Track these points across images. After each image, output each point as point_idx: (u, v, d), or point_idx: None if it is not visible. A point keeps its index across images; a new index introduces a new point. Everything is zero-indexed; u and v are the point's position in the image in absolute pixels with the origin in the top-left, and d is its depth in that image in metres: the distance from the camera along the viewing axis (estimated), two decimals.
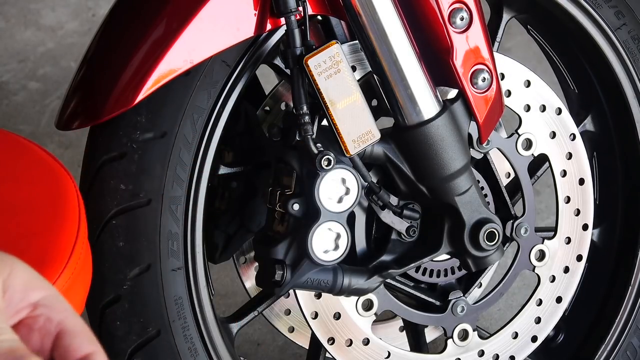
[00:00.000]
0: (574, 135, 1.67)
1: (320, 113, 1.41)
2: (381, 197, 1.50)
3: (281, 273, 1.43)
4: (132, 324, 1.48)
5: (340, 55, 1.37)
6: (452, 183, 1.48)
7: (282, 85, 1.66)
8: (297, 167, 1.43)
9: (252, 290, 1.81)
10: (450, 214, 1.51)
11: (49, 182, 1.30)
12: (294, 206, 1.42)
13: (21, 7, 3.13)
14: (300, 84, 1.37)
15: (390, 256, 1.55)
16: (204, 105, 1.46)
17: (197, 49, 1.37)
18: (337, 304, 1.57)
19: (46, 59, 3.01)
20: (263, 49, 1.48)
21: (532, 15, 1.72)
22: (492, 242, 1.52)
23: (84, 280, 1.23)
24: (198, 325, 1.52)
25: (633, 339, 1.77)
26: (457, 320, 1.65)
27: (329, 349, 1.59)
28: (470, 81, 1.47)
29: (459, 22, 1.45)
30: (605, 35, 1.68)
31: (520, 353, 1.70)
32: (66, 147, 2.70)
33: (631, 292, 1.76)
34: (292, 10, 1.36)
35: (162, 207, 1.46)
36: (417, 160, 1.46)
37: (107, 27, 1.47)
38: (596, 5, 1.66)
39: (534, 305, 1.70)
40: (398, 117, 1.45)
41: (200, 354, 1.52)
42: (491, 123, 1.52)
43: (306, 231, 1.41)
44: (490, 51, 1.48)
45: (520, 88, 1.63)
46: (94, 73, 1.45)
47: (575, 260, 1.71)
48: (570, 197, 1.69)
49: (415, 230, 1.55)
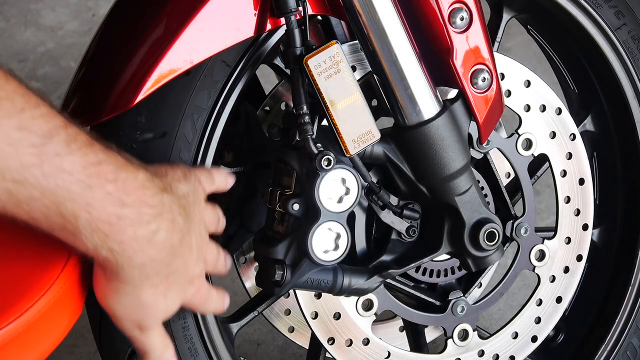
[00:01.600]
0: (574, 135, 1.67)
1: (320, 113, 1.41)
2: (381, 197, 1.50)
3: (281, 273, 1.43)
4: None
5: (340, 55, 1.37)
6: (452, 183, 1.47)
7: (282, 85, 1.66)
8: (297, 167, 1.43)
9: (252, 290, 1.81)
10: (450, 214, 1.51)
11: None
12: (294, 206, 1.42)
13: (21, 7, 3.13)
14: (300, 84, 1.37)
15: (390, 256, 1.55)
16: (204, 105, 1.46)
17: (197, 49, 1.37)
18: (337, 304, 1.57)
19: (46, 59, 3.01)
20: (263, 49, 1.48)
21: (532, 15, 1.72)
22: (492, 242, 1.52)
23: (82, 282, 1.23)
24: (198, 325, 1.52)
25: (633, 339, 1.77)
26: (457, 320, 1.65)
27: (329, 349, 1.59)
28: (470, 81, 1.47)
29: (459, 22, 1.45)
30: (605, 35, 1.68)
31: (520, 353, 1.70)
32: None
33: (631, 292, 1.76)
34: (292, 10, 1.36)
35: None
36: (417, 160, 1.46)
37: (107, 27, 1.46)
38: (596, 5, 1.66)
39: (534, 305, 1.70)
40: (398, 117, 1.45)
41: (200, 354, 1.52)
42: (491, 123, 1.52)
43: (306, 231, 1.41)
44: (490, 51, 1.48)
45: (520, 88, 1.63)
46: (94, 73, 1.45)
47: (575, 260, 1.71)
48: (570, 197, 1.69)
49: (415, 230, 1.55)
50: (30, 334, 1.14)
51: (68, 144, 1.07)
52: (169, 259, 1.17)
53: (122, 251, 1.12)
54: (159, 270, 1.16)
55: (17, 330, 1.12)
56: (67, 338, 1.23)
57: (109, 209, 1.09)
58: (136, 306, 1.19)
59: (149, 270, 1.15)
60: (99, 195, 1.08)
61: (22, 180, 1.03)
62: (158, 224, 1.14)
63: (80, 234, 1.09)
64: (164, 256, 1.16)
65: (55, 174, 1.05)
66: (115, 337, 1.49)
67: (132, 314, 1.20)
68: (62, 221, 1.08)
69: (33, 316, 1.14)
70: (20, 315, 1.13)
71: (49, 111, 1.07)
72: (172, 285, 1.20)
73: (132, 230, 1.11)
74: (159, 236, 1.14)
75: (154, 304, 1.19)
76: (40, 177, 1.04)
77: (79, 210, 1.07)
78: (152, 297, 1.18)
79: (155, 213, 1.13)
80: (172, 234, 1.16)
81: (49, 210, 1.06)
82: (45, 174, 1.04)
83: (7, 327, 1.12)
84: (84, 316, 1.34)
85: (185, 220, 1.19)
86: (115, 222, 1.10)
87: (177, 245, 1.17)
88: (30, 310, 1.14)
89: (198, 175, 1.28)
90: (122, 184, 1.10)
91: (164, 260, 1.16)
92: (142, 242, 1.12)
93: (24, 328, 1.13)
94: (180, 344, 1.50)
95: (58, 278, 1.18)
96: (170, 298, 1.21)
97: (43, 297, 1.15)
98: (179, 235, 1.17)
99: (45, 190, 1.05)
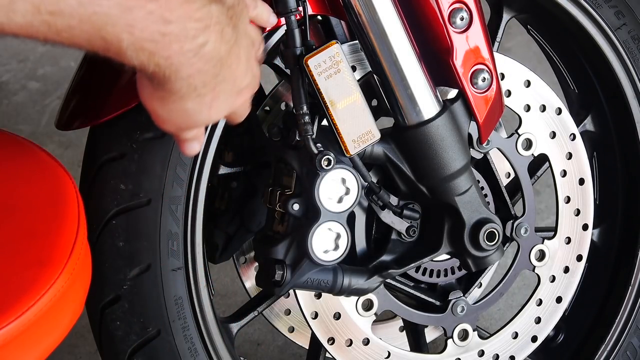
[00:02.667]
0: (574, 135, 1.67)
1: (320, 113, 1.41)
2: (381, 197, 1.50)
3: (281, 273, 1.43)
4: (132, 324, 1.48)
5: (340, 55, 1.37)
6: (452, 183, 1.48)
7: (282, 85, 1.66)
8: (297, 167, 1.43)
9: (252, 290, 1.81)
10: (450, 214, 1.51)
11: (49, 182, 1.30)
12: (294, 206, 1.42)
13: None
14: (300, 84, 1.37)
15: (390, 256, 1.55)
16: None
17: None
18: (337, 304, 1.57)
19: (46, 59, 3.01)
20: (263, 49, 1.48)
21: (532, 15, 1.72)
22: (492, 242, 1.52)
23: (84, 280, 1.23)
24: (198, 325, 1.52)
25: (633, 339, 1.77)
26: (457, 320, 1.65)
27: (329, 349, 1.59)
28: (470, 81, 1.47)
29: (459, 22, 1.45)
30: (605, 35, 1.68)
31: (520, 353, 1.70)
32: (66, 147, 2.70)
33: (631, 292, 1.76)
34: (292, 10, 1.36)
35: (162, 207, 1.46)
36: (417, 160, 1.46)
37: None
38: (596, 5, 1.66)
39: (534, 305, 1.70)
40: (398, 117, 1.45)
41: (200, 354, 1.52)
42: (491, 123, 1.52)
43: (306, 231, 1.41)
44: (490, 51, 1.48)
45: (520, 88, 1.63)
46: (94, 73, 1.45)
47: (575, 260, 1.71)
48: (570, 197, 1.69)
49: (415, 230, 1.55)
50: (32, 332, 1.14)
51: None
52: (217, 70, 1.16)
53: (169, 65, 1.11)
54: (207, 81, 1.16)
55: (19, 329, 1.12)
56: (67, 338, 1.23)
57: (152, 27, 1.08)
58: (181, 113, 1.19)
59: (196, 82, 1.15)
60: (140, 15, 1.07)
61: (58, 11, 1.02)
62: (206, 37, 1.12)
63: (125, 54, 1.08)
64: (212, 67, 1.15)
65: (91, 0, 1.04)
66: (115, 337, 1.49)
67: (175, 119, 1.20)
68: (106, 44, 1.07)
69: (35, 315, 1.14)
70: (22, 314, 1.13)
71: None
72: (219, 95, 1.19)
73: (178, 45, 1.10)
74: (207, 48, 1.13)
75: (198, 113, 1.19)
76: (76, 5, 1.03)
77: (121, 33, 1.06)
78: (198, 106, 1.18)
79: (203, 26, 1.12)
80: (220, 45, 1.15)
81: (90, 36, 1.06)
82: (81, 2, 1.03)
83: (9, 326, 1.12)
84: (84, 316, 1.34)
85: (234, 30, 1.17)
86: (160, 40, 1.09)
87: (225, 56, 1.16)
88: (31, 309, 1.14)
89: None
90: (165, 1, 1.09)
91: (211, 71, 1.16)
92: (189, 56, 1.12)
93: (26, 327, 1.13)
94: (180, 343, 1.50)
95: (60, 276, 1.18)
96: (215, 108, 1.20)
97: (44, 295, 1.15)
98: (227, 46, 1.16)
99: (83, 17, 1.04)
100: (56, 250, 1.20)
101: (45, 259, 1.19)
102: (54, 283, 1.17)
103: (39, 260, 1.19)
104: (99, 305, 1.48)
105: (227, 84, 1.20)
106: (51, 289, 1.16)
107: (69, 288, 1.19)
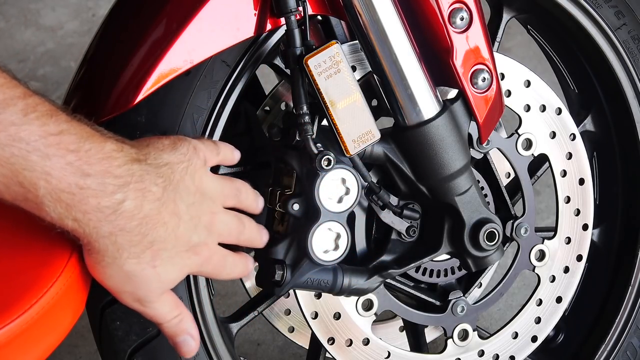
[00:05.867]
0: (574, 135, 1.67)
1: (320, 113, 1.41)
2: (381, 197, 1.50)
3: (281, 273, 1.43)
4: (132, 324, 1.48)
5: (340, 55, 1.37)
6: (452, 183, 1.48)
7: (282, 85, 1.66)
8: (297, 167, 1.43)
9: (252, 290, 1.81)
10: (450, 214, 1.51)
11: None
12: (294, 206, 1.42)
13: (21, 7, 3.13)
14: (300, 84, 1.37)
15: (390, 256, 1.55)
16: (204, 105, 1.46)
17: (197, 49, 1.37)
18: (337, 304, 1.57)
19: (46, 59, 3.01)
20: (263, 49, 1.48)
21: (532, 15, 1.72)
22: (492, 242, 1.52)
23: (84, 280, 1.23)
24: (198, 325, 1.52)
25: (633, 339, 1.77)
26: (457, 320, 1.65)
27: (329, 349, 1.59)
28: (470, 81, 1.47)
29: (459, 22, 1.45)
30: (605, 35, 1.68)
31: (520, 353, 1.70)
32: None
33: (631, 292, 1.76)
34: (292, 10, 1.36)
35: None
36: (417, 160, 1.46)
37: (107, 27, 1.47)
38: (596, 5, 1.66)
39: (534, 305, 1.70)
40: (398, 117, 1.45)
41: (200, 354, 1.52)
42: (491, 123, 1.52)
43: (306, 231, 1.41)
44: (490, 51, 1.48)
45: (520, 88, 1.63)
46: (94, 73, 1.45)
47: (575, 260, 1.71)
48: (570, 197, 1.69)
49: (415, 230, 1.55)
50: (33, 332, 1.14)
51: (25, 113, 1.07)
52: (145, 229, 1.16)
53: (87, 221, 1.11)
54: (134, 240, 1.15)
55: (20, 328, 1.12)
56: (67, 338, 1.23)
57: (69, 178, 1.09)
58: (123, 277, 1.18)
59: (121, 240, 1.14)
60: (58, 164, 1.08)
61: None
62: (124, 194, 1.13)
63: (42, 203, 1.09)
64: (136, 226, 1.15)
65: (11, 143, 1.05)
66: (115, 337, 1.49)
67: (123, 286, 1.19)
68: (23, 191, 1.08)
69: (36, 314, 1.14)
70: (23, 313, 1.13)
71: (6, 82, 1.08)
72: (159, 254, 1.18)
73: (96, 200, 1.11)
74: (126, 206, 1.13)
75: (141, 275, 1.18)
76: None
77: (38, 179, 1.08)
78: (137, 267, 1.17)
79: (122, 183, 1.13)
80: (142, 203, 1.15)
81: (8, 180, 1.07)
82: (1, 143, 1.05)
83: (10, 325, 1.12)
84: (84, 316, 1.34)
85: (166, 189, 1.17)
86: (77, 192, 1.10)
87: (153, 215, 1.16)
88: (32, 308, 1.14)
89: (196, 144, 1.27)
90: (85, 154, 1.10)
91: (136, 230, 1.15)
92: (107, 212, 1.12)
93: (27, 326, 1.13)
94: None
95: (61, 275, 1.18)
96: (161, 267, 1.19)
97: (45, 294, 1.15)
98: (155, 204, 1.16)
99: (1, 159, 1.06)
100: (57, 250, 1.20)
101: (45, 259, 1.19)
102: (55, 283, 1.17)
103: (40, 260, 1.19)
104: (99, 305, 1.48)
105: (167, 243, 1.18)
106: (52, 289, 1.16)
107: (70, 288, 1.19)
